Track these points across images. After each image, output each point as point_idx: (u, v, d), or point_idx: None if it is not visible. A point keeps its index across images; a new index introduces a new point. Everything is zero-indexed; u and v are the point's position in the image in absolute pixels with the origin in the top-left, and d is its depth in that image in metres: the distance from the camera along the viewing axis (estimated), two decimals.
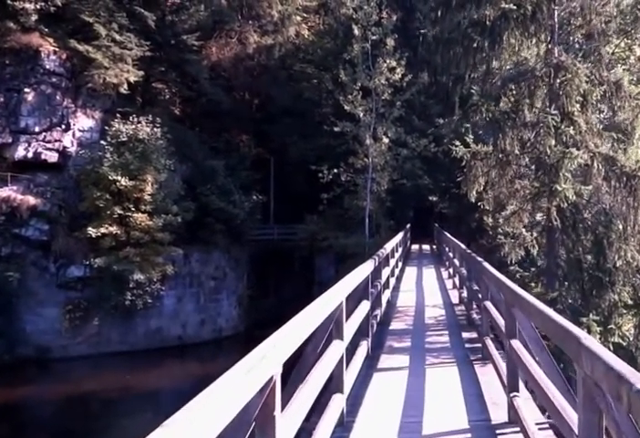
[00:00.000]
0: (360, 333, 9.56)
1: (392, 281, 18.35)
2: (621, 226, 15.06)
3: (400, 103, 38.04)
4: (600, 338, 11.92)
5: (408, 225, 40.11)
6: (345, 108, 36.71)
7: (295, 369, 6.16)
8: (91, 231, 29.19)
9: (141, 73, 32.66)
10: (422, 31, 44.86)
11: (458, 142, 16.61)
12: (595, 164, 14.31)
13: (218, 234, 35.32)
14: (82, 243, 29.81)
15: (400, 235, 26.48)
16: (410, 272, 26.35)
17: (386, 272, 14.98)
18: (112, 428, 21.78)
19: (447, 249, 26.64)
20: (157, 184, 31.22)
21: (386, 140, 37.91)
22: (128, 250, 29.80)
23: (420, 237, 46.48)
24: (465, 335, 12.33)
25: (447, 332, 12.70)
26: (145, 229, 30.28)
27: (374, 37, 36.26)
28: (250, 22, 43.35)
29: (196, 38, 37.74)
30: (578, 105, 14.13)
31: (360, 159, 38.40)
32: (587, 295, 15.50)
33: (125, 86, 31.66)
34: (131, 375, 27.33)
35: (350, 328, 7.29)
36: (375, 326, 11.25)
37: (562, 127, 14.18)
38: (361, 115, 37.00)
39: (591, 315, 12.50)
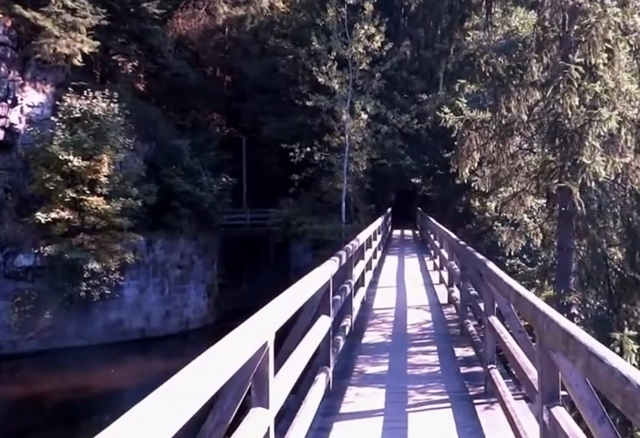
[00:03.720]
0: (318, 361, 7.08)
1: (369, 275, 15.83)
2: None
3: (380, 75, 35.59)
4: (636, 359, 9.29)
5: (389, 209, 38.61)
6: (319, 80, 34.26)
7: None
8: (40, 216, 26.61)
9: (97, 44, 29.77)
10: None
11: (447, 109, 13.86)
12: (623, 133, 11.67)
13: (184, 219, 32.84)
14: (31, 229, 27.29)
15: (380, 221, 24.12)
16: (391, 262, 23.95)
17: (359, 267, 12.44)
18: (66, 434, 19.47)
19: (432, 237, 24.28)
20: (114, 165, 28.68)
21: (364, 115, 35.52)
22: (82, 237, 27.23)
23: (402, 222, 44.97)
24: (459, 352, 9.72)
25: (435, 348, 10.03)
26: (101, 214, 27.66)
27: (350, 1, 33.61)
28: None
29: (160, 8, 34.92)
30: (605, 55, 11.48)
31: (336, 136, 36.08)
32: (615, 300, 12.81)
33: (79, 57, 28.82)
34: (88, 372, 25.14)
35: (284, 384, 4.65)
36: (341, 343, 8.60)
37: (585, 83, 11.51)
38: (336, 87, 34.49)
39: (626, 329, 9.81)
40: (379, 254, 22.91)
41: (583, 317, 12.88)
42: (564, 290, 12.47)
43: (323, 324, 6.75)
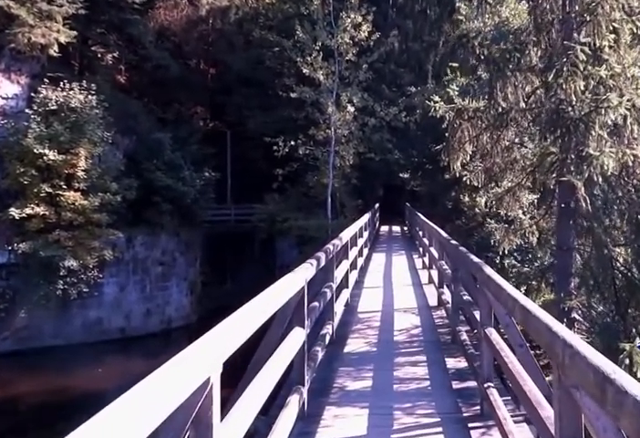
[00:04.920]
0: (292, 379, 6.20)
1: (354, 275, 14.93)
2: None
3: (367, 66, 34.68)
4: None
5: (377, 205, 38.00)
6: (304, 71, 33.33)
7: None
8: (14, 212, 25.65)
9: (74, 33, 28.75)
10: None
11: (437, 98, 12.83)
12: (629, 122, 10.63)
13: (165, 214, 31.86)
14: (5, 225, 26.30)
15: (367, 217, 23.23)
16: (378, 260, 23.04)
17: (343, 268, 11.51)
18: (44, 436, 18.57)
19: (420, 234, 23.40)
20: (92, 159, 27.66)
21: (351, 108, 34.66)
22: (58, 233, 26.31)
23: (391, 218, 44.37)
24: (450, 363, 8.73)
25: (424, 358, 9.03)
26: (78, 209, 26.76)
27: None
28: None
29: None
30: (611, 37, 10.45)
31: (322, 130, 35.17)
32: (622, 305, 11.74)
33: (55, 47, 27.77)
34: (66, 373, 24.25)
35: (237, 427, 3.72)
36: (319, 355, 7.63)
37: (590, 68, 10.50)
38: (321, 79, 33.57)
39: (637, 339, 8.80)
40: (366, 251, 22.01)
41: (586, 324, 11.89)
42: (565, 293, 11.48)
43: (296, 337, 5.83)
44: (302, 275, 6.04)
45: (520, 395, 4.86)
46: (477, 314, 7.14)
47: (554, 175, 11.31)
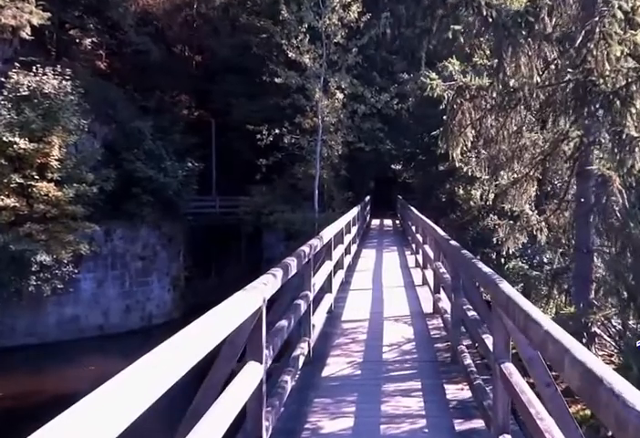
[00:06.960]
0: (245, 432, 4.80)
1: (339, 276, 13.47)
2: None
3: (356, 50, 33.22)
4: None
5: (368, 198, 36.91)
6: (290, 54, 31.92)
7: None
8: None
9: (48, 15, 27.33)
10: None
11: (434, 75, 11.19)
12: None
13: (146, 206, 30.65)
14: None
15: (355, 211, 21.84)
16: (368, 258, 21.62)
17: (324, 271, 10.05)
18: None
19: (413, 229, 22.01)
20: (67, 148, 26.48)
21: (340, 95, 33.32)
22: (30, 226, 25.04)
23: (382, 211, 43.69)
24: (450, 391, 7.12)
25: (419, 384, 7.43)
26: (52, 201, 25.50)
27: None
28: None
29: None
30: None
31: (308, 118, 33.81)
32: None
33: (28, 30, 26.40)
34: (39, 374, 23.23)
35: None
36: (288, 387, 6.10)
37: (622, 33, 8.80)
38: (307, 62, 32.13)
39: None
40: (354, 248, 20.56)
41: (607, 338, 10.38)
42: (584, 303, 9.88)
43: (249, 376, 4.34)
44: (257, 294, 4.40)
45: None
46: (487, 340, 5.66)
47: (569, 165, 9.74)
